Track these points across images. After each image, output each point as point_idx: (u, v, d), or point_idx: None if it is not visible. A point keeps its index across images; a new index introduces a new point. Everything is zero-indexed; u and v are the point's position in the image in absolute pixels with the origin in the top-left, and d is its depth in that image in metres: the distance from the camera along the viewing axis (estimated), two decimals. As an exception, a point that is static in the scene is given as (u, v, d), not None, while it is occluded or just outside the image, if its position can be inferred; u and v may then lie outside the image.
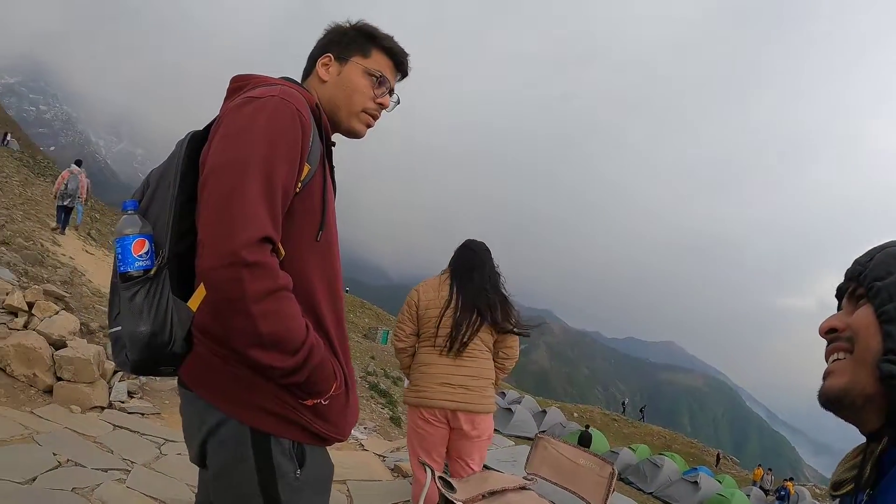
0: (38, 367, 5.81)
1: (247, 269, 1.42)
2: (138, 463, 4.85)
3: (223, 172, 1.50)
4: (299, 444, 1.64)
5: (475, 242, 4.12)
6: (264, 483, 1.58)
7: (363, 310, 72.39)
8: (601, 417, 54.21)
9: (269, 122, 1.56)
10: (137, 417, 6.07)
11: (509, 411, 28.60)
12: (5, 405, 5.20)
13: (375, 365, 32.39)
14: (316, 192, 1.69)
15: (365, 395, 19.76)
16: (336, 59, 1.89)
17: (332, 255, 1.77)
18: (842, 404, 1.07)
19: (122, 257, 1.57)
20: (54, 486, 3.98)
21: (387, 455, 7.31)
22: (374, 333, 55.83)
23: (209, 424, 1.60)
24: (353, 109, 1.88)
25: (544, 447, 3.96)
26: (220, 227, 1.45)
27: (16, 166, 27.53)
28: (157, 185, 1.70)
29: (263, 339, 1.46)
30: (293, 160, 1.58)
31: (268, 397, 1.58)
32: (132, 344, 1.54)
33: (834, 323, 1.12)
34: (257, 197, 1.47)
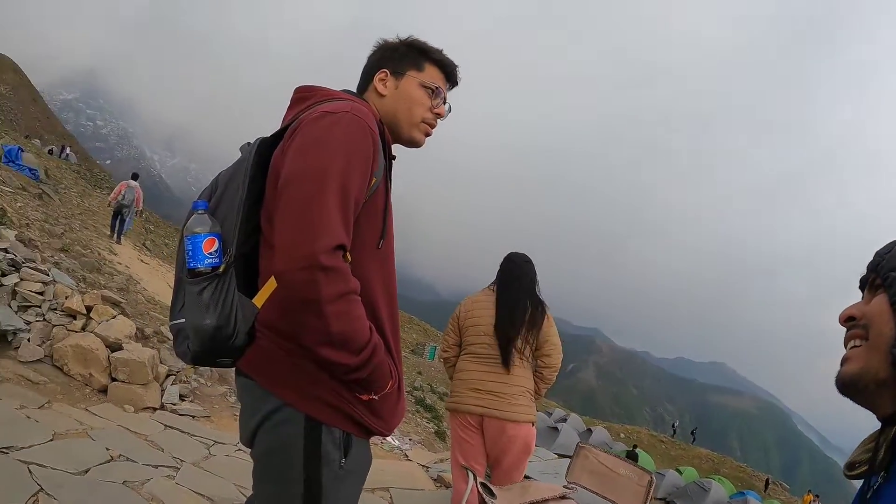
0: (94, 367, 5.99)
1: (323, 272, 1.52)
2: (187, 461, 4.96)
3: (302, 181, 1.60)
4: (347, 434, 1.73)
5: (516, 255, 4.19)
6: (309, 467, 1.67)
7: (411, 325, 72.55)
8: (648, 438, 53.42)
9: (345, 136, 1.66)
10: (188, 419, 6.20)
11: (555, 430, 28.38)
12: (62, 402, 5.37)
13: (422, 380, 32.44)
14: (379, 203, 1.80)
15: (411, 409, 19.82)
16: (392, 74, 1.98)
17: (391, 262, 1.89)
18: (856, 389, 1.10)
19: (193, 254, 1.64)
20: (106, 479, 4.10)
21: (430, 465, 7.33)
22: (422, 349, 55.83)
23: (266, 409, 1.70)
24: (414, 120, 1.98)
25: (585, 456, 3.97)
26: (299, 232, 1.54)
27: (74, 178, 28.40)
28: (225, 186, 1.81)
29: (333, 337, 1.57)
30: (365, 173, 1.68)
31: (325, 389, 1.68)
32: (196, 336, 1.62)
33: (852, 311, 1.16)
34: (334, 206, 1.58)
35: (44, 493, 3.58)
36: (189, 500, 4.26)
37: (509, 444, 3.86)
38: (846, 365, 1.13)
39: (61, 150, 40.61)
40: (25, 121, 54.39)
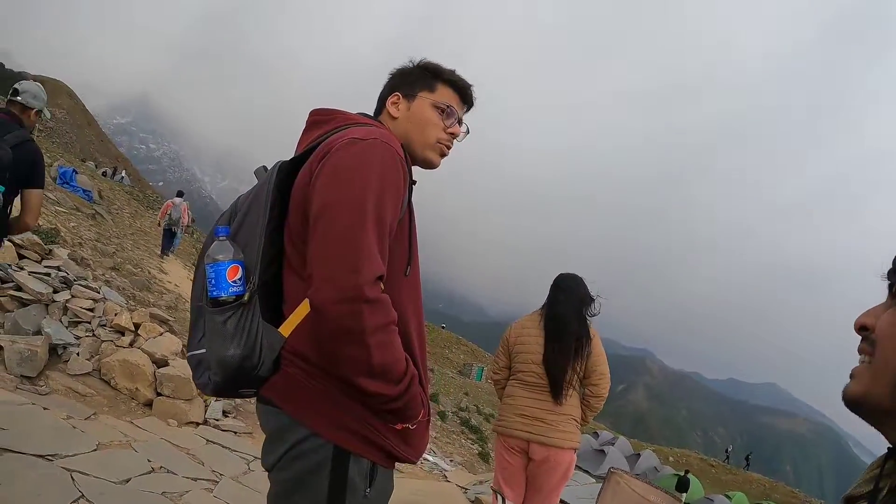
0: (140, 381, 6.16)
1: (367, 304, 1.51)
2: (227, 476, 5.05)
3: (340, 211, 1.58)
4: (374, 464, 1.70)
5: (563, 278, 4.15)
6: (334, 496, 1.65)
7: (458, 346, 72.22)
8: (698, 463, 52.24)
9: (379, 165, 1.65)
10: (230, 435, 6.30)
11: (601, 453, 27.90)
12: (108, 414, 5.52)
13: (469, 401, 32.28)
14: (405, 230, 1.78)
15: (456, 430, 19.76)
16: (404, 97, 1.97)
17: (419, 288, 1.88)
18: (860, 411, 1.01)
19: (216, 282, 1.61)
20: (146, 489, 4.20)
21: (469, 487, 7.33)
22: (469, 370, 55.59)
23: (294, 438, 1.66)
24: (428, 141, 1.95)
25: (616, 482, 3.95)
26: (343, 264, 1.53)
27: (126, 199, 29.13)
28: (245, 212, 1.77)
29: (374, 368, 1.55)
30: (397, 202, 1.68)
31: (355, 419, 1.66)
32: (220, 366, 1.61)
33: (866, 320, 1.03)
34: (373, 237, 1.57)
35: (84, 500, 3.69)
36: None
37: (551, 470, 3.90)
38: (851, 382, 1.02)
39: (114, 172, 41.68)
40: (80, 144, 56.01)
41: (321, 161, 1.69)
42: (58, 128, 49.58)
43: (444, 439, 15.83)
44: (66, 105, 64.18)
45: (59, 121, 52.73)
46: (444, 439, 15.59)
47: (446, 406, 24.72)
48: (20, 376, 5.38)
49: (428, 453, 9.82)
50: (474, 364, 59.02)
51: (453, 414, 23.98)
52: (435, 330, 74.09)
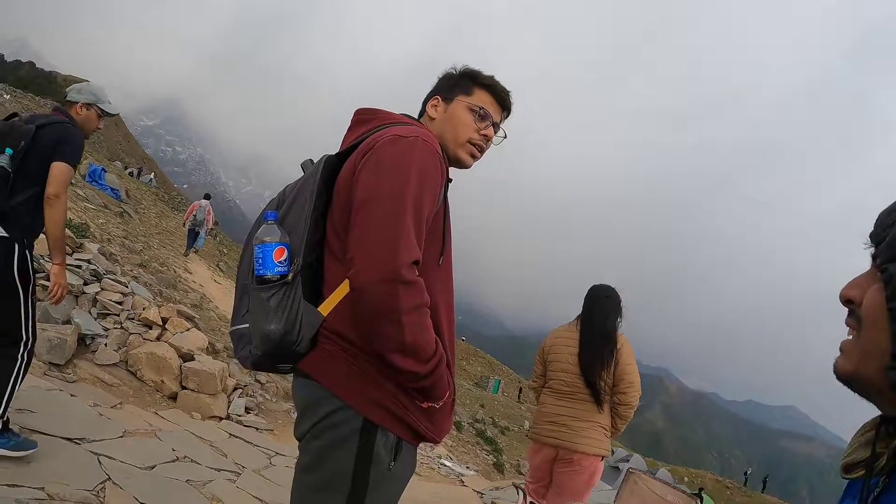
0: (166, 374, 6.25)
1: (403, 286, 1.62)
2: (249, 468, 5.11)
3: (382, 201, 1.69)
4: (399, 439, 1.79)
5: (596, 289, 4.21)
6: (359, 466, 1.74)
7: (476, 358, 72.12)
8: (713, 483, 51.72)
9: (419, 160, 1.76)
10: (252, 431, 6.37)
11: (616, 469, 27.68)
12: (133, 404, 5.59)
13: (484, 413, 32.25)
14: (440, 222, 1.88)
15: (471, 441, 19.74)
16: (443, 100, 2.09)
17: (450, 277, 1.97)
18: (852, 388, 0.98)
19: (263, 262, 1.73)
20: (170, 476, 4.27)
21: (485, 492, 7.34)
22: (486, 382, 55.49)
23: (328, 408, 1.76)
24: (460, 140, 2.05)
25: (635, 482, 3.94)
26: (383, 248, 1.63)
27: (153, 200, 29.46)
28: (293, 199, 1.89)
29: (406, 346, 1.66)
30: (435, 195, 1.79)
31: (386, 395, 1.75)
32: (261, 341, 1.72)
33: (851, 293, 0.99)
34: (411, 225, 1.68)
35: (111, 482, 3.76)
36: (247, 502, 4.41)
37: (576, 474, 3.98)
38: (840, 358, 0.99)
39: (139, 172, 42.17)
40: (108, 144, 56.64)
41: (364, 156, 1.79)
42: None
43: (461, 448, 15.83)
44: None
45: (89, 121, 53.41)
46: (460, 448, 15.59)
47: (462, 417, 24.71)
48: (49, 363, 5.46)
49: (445, 458, 9.84)
50: (491, 377, 58.92)
51: (469, 425, 23.95)
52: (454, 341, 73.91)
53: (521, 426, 36.15)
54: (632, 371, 3.99)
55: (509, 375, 72.24)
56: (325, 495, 1.77)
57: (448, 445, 13.55)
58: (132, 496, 3.70)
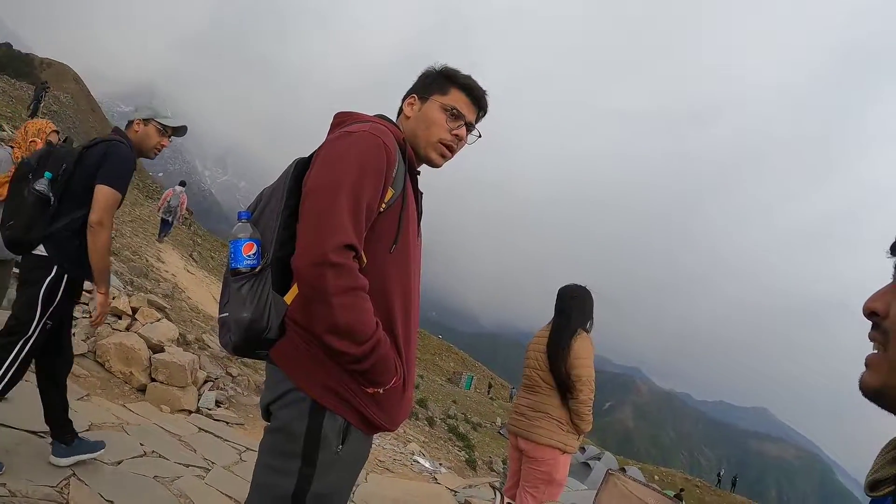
0: (135, 366, 6.11)
1: (331, 268, 1.70)
2: (218, 464, 5.00)
3: (320, 192, 1.79)
4: (348, 424, 1.87)
5: (563, 289, 4.36)
6: (308, 447, 1.82)
7: (449, 354, 72.33)
8: (683, 483, 52.28)
9: (360, 152, 1.84)
10: (222, 425, 6.24)
11: (587, 466, 27.87)
12: (100, 396, 5.45)
13: (456, 409, 32.27)
14: (395, 212, 1.94)
15: (444, 437, 19.70)
16: (419, 98, 2.14)
17: (408, 266, 2.01)
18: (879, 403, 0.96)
19: (234, 256, 1.86)
20: (137, 472, 4.16)
21: (458, 490, 7.29)
22: (458, 378, 55.65)
23: (281, 390, 1.87)
24: (430, 140, 2.10)
25: (614, 484, 3.89)
26: (314, 233, 1.73)
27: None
28: (268, 200, 1.98)
29: (339, 327, 1.73)
30: (377, 184, 1.85)
31: (334, 378, 1.83)
32: (236, 327, 1.82)
33: (875, 305, 0.97)
34: (346, 212, 1.75)
35: (75, 479, 3.65)
36: (217, 501, 4.30)
37: (531, 465, 4.17)
38: (866, 372, 0.97)
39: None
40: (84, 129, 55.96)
41: (318, 153, 1.93)
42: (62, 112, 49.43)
43: (433, 444, 15.77)
44: (71, 90, 63.99)
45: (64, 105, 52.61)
46: (432, 444, 15.52)
47: (435, 413, 24.68)
48: (14, 353, 5.31)
49: (418, 455, 9.77)
50: (464, 373, 59.12)
51: (442, 421, 23.94)
52: (427, 337, 74.16)
53: (492, 423, 36.27)
54: (581, 365, 4.05)
55: (482, 372, 72.55)
56: (278, 477, 1.84)
57: (421, 441, 13.50)
58: (97, 493, 3.60)
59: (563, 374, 4.05)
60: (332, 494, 1.91)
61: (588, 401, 4.06)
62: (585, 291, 4.31)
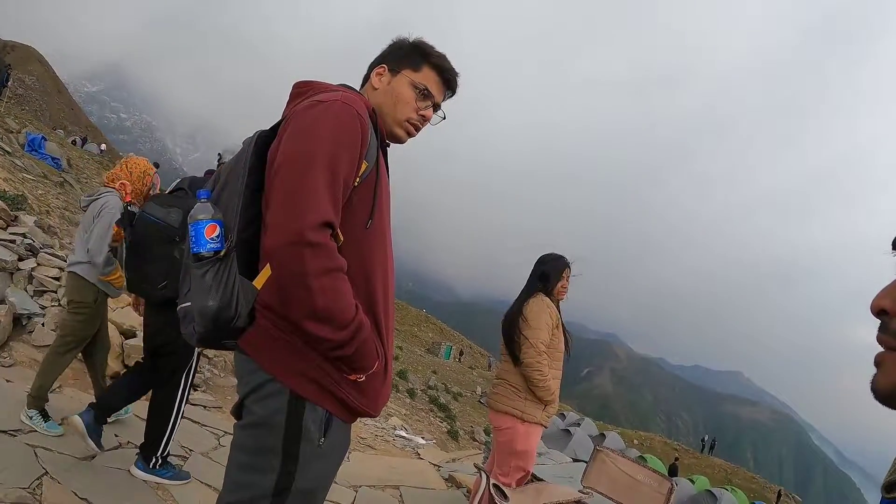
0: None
1: (309, 248, 1.59)
2: (196, 451, 4.93)
3: (293, 164, 1.68)
4: (330, 415, 1.78)
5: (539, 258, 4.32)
6: (289, 442, 1.72)
7: (427, 324, 72.66)
8: (661, 446, 53.11)
9: (334, 123, 1.73)
10: (200, 409, 6.16)
11: (567, 433, 28.15)
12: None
13: (437, 379, 32.43)
14: (370, 186, 1.86)
15: (424, 409, 19.81)
16: (389, 70, 2.05)
17: (384, 242, 1.94)
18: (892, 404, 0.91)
19: (196, 240, 1.72)
20: (112, 465, 4.08)
21: (442, 465, 7.28)
22: (437, 348, 55.95)
23: (255, 382, 1.76)
24: (397, 118, 2.03)
25: (602, 461, 3.88)
26: (288, 211, 1.62)
27: (96, 168, 28.66)
28: (227, 177, 1.87)
29: (318, 312, 1.63)
30: (353, 156, 1.75)
31: (313, 367, 1.73)
32: (201, 318, 1.68)
33: (884, 303, 0.92)
34: (322, 187, 1.65)
35: (48, 477, 3.56)
36: (195, 490, 4.23)
37: (495, 437, 4.20)
38: (879, 373, 0.91)
39: (84, 141, 41.11)
40: (50, 112, 54.99)
41: (286, 125, 1.80)
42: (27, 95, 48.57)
43: (415, 417, 15.84)
44: (36, 72, 62.81)
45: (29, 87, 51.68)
46: (414, 417, 15.59)
47: (415, 384, 24.77)
48: (-19, 346, 5.19)
49: (400, 429, 9.77)
50: (443, 343, 59.42)
51: (422, 392, 24.06)
52: (405, 308, 74.39)
53: (472, 391, 36.51)
54: (526, 326, 4.01)
55: (460, 341, 72.96)
56: (256, 474, 1.75)
57: (402, 414, 13.55)
58: (71, 491, 3.51)
59: (510, 338, 4.06)
60: (316, 488, 1.84)
61: (533, 364, 3.94)
62: (551, 257, 4.27)
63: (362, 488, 5.24)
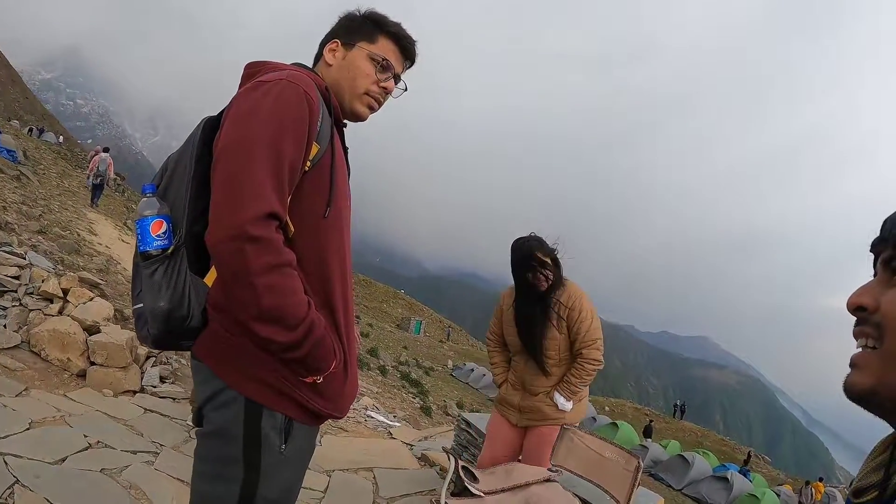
0: (71, 351, 5.91)
1: (250, 243, 1.49)
2: (167, 446, 4.90)
3: (232, 152, 1.57)
4: (289, 419, 1.70)
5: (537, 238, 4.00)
6: (249, 452, 1.65)
7: (396, 300, 72.68)
8: (633, 412, 53.86)
9: (277, 104, 1.61)
10: (168, 402, 6.11)
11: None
12: (39, 388, 5.28)
13: (408, 355, 32.49)
14: (325, 171, 1.74)
15: (396, 385, 19.86)
16: (343, 45, 1.94)
17: (342, 229, 1.83)
18: (869, 404, 0.89)
19: (142, 237, 1.64)
20: (83, 467, 4.03)
21: (414, 444, 7.32)
22: (407, 323, 56.02)
23: (210, 391, 1.67)
24: (356, 92, 1.92)
25: (570, 439, 3.92)
26: (228, 203, 1.52)
27: (54, 159, 28.12)
28: (174, 168, 1.76)
29: (264, 312, 1.53)
30: (300, 139, 1.63)
31: (268, 371, 1.64)
32: (153, 319, 1.61)
33: (863, 300, 0.91)
34: (264, 174, 1.54)
35: (20, 486, 3.52)
36: (167, 486, 4.21)
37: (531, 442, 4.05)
38: (855, 373, 0.90)
39: (41, 131, 40.30)
40: (4, 102, 53.66)
41: (228, 109, 1.70)
42: (-21, 87, 47.30)
43: (387, 395, 15.87)
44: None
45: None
46: (386, 395, 15.62)
47: (386, 361, 24.79)
48: (-59, 351, 5.10)
49: (371, 410, 9.80)
50: (413, 318, 59.49)
51: (394, 368, 24.10)
52: (372, 284, 74.27)
53: (444, 366, 36.66)
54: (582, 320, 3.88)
55: (430, 316, 73.06)
56: (219, 485, 1.68)
57: (374, 393, 13.57)
58: (43, 498, 3.46)
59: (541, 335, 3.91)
60: (281, 497, 1.77)
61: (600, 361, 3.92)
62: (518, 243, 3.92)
63: (335, 472, 5.25)
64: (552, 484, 3.40)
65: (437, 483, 5.40)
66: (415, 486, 5.27)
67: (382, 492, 5.05)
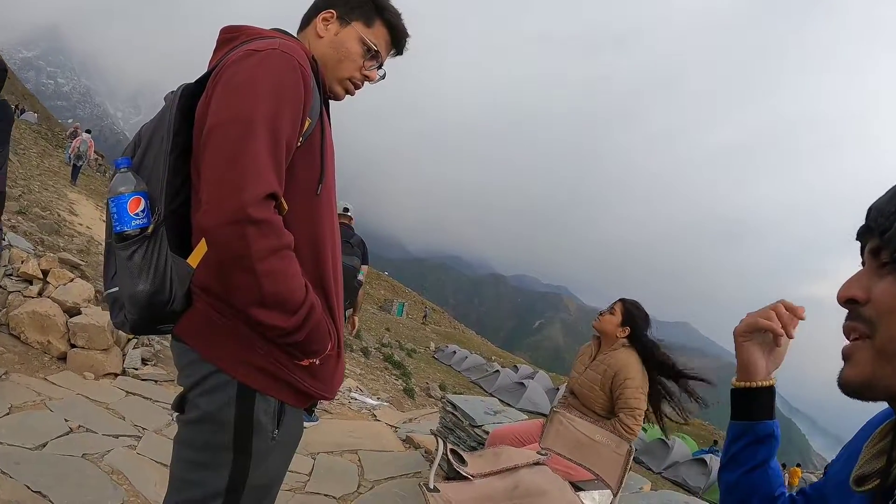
0: (52, 334, 5.82)
1: (253, 226, 1.42)
2: (149, 429, 4.85)
3: (228, 128, 1.48)
4: (282, 404, 1.66)
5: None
6: (240, 437, 1.60)
7: (379, 281, 72.69)
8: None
9: (273, 76, 1.54)
10: (150, 384, 6.05)
11: (521, 386, 28.58)
12: (20, 372, 5.20)
13: (390, 336, 32.44)
14: (315, 146, 1.68)
15: (379, 367, 19.82)
16: (338, 18, 1.85)
17: (331, 208, 1.78)
18: (863, 397, 0.89)
19: (118, 217, 1.54)
20: (64, 453, 3.98)
21: (399, 426, 7.31)
22: (390, 305, 56.10)
23: (198, 375, 1.61)
24: (339, 75, 1.86)
25: (560, 422, 3.90)
26: (226, 183, 1.44)
27: (34, 138, 27.76)
28: (149, 140, 1.67)
29: (266, 298, 1.48)
30: (296, 115, 1.57)
31: (261, 355, 1.59)
32: (131, 304, 1.54)
33: (854, 293, 0.90)
34: (263, 153, 1.47)
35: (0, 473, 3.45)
36: (150, 470, 4.16)
37: None
38: (849, 366, 0.89)
39: (22, 111, 39.81)
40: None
41: (216, 79, 1.59)
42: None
43: (370, 376, 15.83)
44: (-36, 39, 60.22)
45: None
46: (369, 376, 15.59)
47: (369, 343, 24.76)
48: (-81, 336, 5.01)
49: (355, 392, 9.78)
50: (395, 300, 59.55)
51: (376, 350, 24.07)
52: (355, 267, 74.42)
53: (426, 347, 36.68)
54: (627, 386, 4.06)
55: (413, 298, 73.16)
56: (207, 472, 1.63)
57: (357, 374, 13.55)
58: (23, 485, 3.40)
59: None
60: (272, 482, 1.74)
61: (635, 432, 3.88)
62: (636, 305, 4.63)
63: (320, 455, 5.22)
64: (541, 467, 3.39)
65: (423, 465, 5.39)
66: (400, 469, 5.26)
67: (368, 474, 5.03)
